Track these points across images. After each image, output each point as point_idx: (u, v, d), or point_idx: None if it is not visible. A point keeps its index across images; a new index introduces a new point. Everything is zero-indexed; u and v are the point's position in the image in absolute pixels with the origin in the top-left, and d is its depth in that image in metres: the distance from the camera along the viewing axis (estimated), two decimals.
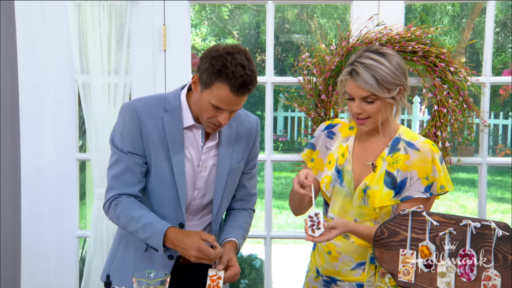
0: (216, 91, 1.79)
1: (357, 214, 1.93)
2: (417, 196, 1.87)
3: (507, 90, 9.17)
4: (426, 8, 10.20)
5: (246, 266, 4.24)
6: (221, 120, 1.85)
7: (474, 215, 6.21)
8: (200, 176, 1.98)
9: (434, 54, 2.58)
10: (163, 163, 1.92)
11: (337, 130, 2.04)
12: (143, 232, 1.87)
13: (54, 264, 2.81)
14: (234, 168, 2.01)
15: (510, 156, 9.34)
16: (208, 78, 1.80)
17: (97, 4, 2.62)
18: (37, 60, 2.72)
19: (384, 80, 1.82)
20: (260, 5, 9.58)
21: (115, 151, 1.94)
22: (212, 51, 1.82)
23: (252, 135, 2.07)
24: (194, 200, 2.00)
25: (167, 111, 1.93)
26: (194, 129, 1.96)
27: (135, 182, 1.93)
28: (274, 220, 6.39)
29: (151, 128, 1.91)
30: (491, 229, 1.60)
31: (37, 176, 2.77)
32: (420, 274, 1.72)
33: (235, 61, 1.77)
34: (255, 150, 2.11)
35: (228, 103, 1.81)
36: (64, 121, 2.75)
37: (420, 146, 1.90)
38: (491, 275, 1.60)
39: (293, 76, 2.75)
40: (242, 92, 1.80)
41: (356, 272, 1.95)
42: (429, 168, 1.87)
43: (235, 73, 1.76)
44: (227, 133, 2.00)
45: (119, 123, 1.95)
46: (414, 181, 1.88)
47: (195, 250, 1.81)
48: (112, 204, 1.93)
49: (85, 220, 3.80)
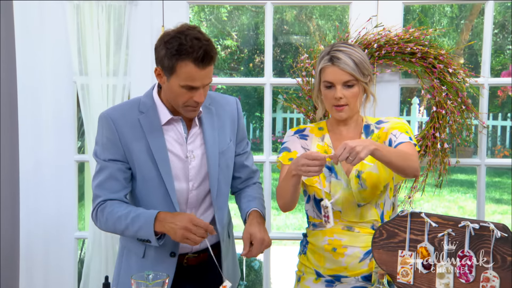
0: (182, 71, 1.80)
1: (359, 199, 1.98)
2: (407, 140, 1.98)
3: (505, 91, 9.18)
4: (425, 9, 10.22)
5: (245, 268, 4.24)
6: (197, 99, 1.85)
7: (473, 216, 6.20)
8: (191, 167, 1.97)
9: (432, 56, 2.58)
10: (147, 163, 1.92)
11: (308, 132, 2.12)
12: (132, 225, 1.86)
13: (53, 265, 2.80)
14: (224, 151, 2.02)
15: (509, 158, 9.36)
16: (170, 62, 1.80)
17: (96, 5, 2.62)
18: (35, 61, 2.72)
19: (360, 64, 1.96)
20: (258, 6, 9.58)
21: (98, 161, 1.96)
22: (164, 36, 1.84)
23: (235, 115, 2.09)
24: (191, 192, 1.99)
25: (142, 113, 1.94)
26: (174, 123, 1.96)
27: (119, 188, 1.93)
28: (272, 221, 6.39)
29: (129, 133, 1.92)
30: (490, 230, 1.60)
31: (36, 177, 2.77)
32: (419, 275, 1.72)
33: (189, 36, 1.79)
34: (242, 129, 2.13)
35: (197, 78, 1.81)
36: (63, 122, 2.75)
37: (386, 119, 2.09)
38: (489, 276, 1.60)
39: (291, 77, 2.75)
40: (207, 62, 1.80)
41: (364, 263, 1.97)
42: (404, 126, 2.03)
43: (193, 46, 1.77)
44: (208, 118, 2.00)
45: (98, 134, 1.97)
46: (399, 135, 2.00)
47: (186, 222, 1.78)
48: (98, 210, 1.93)
49: (83, 221, 3.80)
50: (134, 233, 1.88)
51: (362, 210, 1.99)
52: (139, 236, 1.89)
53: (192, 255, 2.02)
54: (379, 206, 2.01)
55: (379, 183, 1.98)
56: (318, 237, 2.04)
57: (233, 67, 12.02)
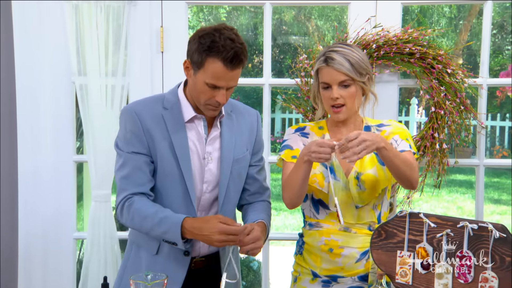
0: (210, 68, 1.80)
1: (357, 201, 1.98)
2: (408, 149, 1.99)
3: (504, 91, 9.18)
4: (423, 9, 10.22)
5: (243, 268, 4.24)
6: (219, 99, 1.85)
7: (472, 216, 6.21)
8: (207, 168, 1.96)
9: (431, 56, 2.59)
10: (169, 159, 1.91)
11: (309, 130, 2.12)
12: (159, 227, 1.85)
13: (51, 266, 2.80)
14: (239, 159, 2.00)
15: (507, 158, 9.37)
16: (200, 57, 1.81)
17: (95, 6, 2.62)
18: (34, 61, 2.72)
19: (356, 64, 1.96)
20: (257, 7, 9.58)
21: (121, 154, 1.93)
22: (199, 32, 1.84)
23: (254, 126, 2.08)
24: (204, 195, 1.98)
25: (166, 109, 1.94)
26: (196, 121, 1.95)
27: (145, 180, 1.92)
28: (271, 222, 6.40)
29: (153, 126, 1.91)
30: (488, 230, 1.60)
31: (35, 178, 2.77)
32: (418, 276, 1.72)
33: (224, 36, 1.79)
34: (259, 142, 2.11)
35: (223, 78, 1.81)
36: (62, 123, 2.75)
37: (388, 123, 2.10)
38: (488, 276, 1.60)
39: (290, 77, 2.75)
40: (235, 64, 1.81)
41: (360, 263, 1.97)
42: (405, 133, 2.05)
43: (226, 46, 1.78)
44: (228, 123, 2.00)
45: (121, 128, 1.95)
46: (400, 141, 2.01)
47: (217, 234, 1.78)
48: (125, 205, 1.90)
49: (82, 222, 3.80)
50: (161, 235, 1.87)
51: (360, 212, 1.99)
52: (166, 238, 1.88)
53: (199, 258, 2.01)
54: (376, 208, 2.02)
55: (378, 186, 1.98)
56: (314, 237, 2.03)
57: None
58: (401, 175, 1.88)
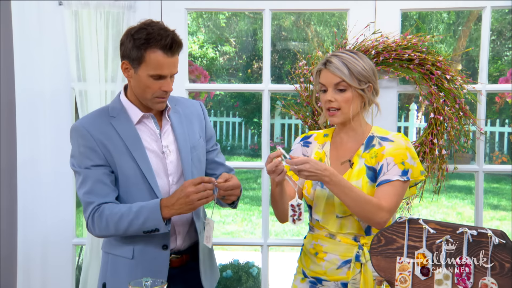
0: (151, 60, 1.85)
1: (339, 211, 2.01)
2: (395, 179, 1.95)
3: (503, 97, 9.20)
4: (422, 16, 10.25)
5: (243, 274, 4.23)
6: (166, 88, 1.90)
7: (471, 222, 6.20)
8: (169, 161, 2.00)
9: (430, 62, 2.59)
10: (128, 163, 1.94)
11: (312, 139, 2.16)
12: (137, 219, 1.87)
13: (51, 272, 2.79)
14: (195, 146, 2.05)
15: (506, 164, 9.37)
16: (138, 52, 1.86)
17: (94, 12, 2.63)
18: (34, 68, 2.72)
19: (354, 70, 1.96)
20: (257, 13, 9.61)
21: (80, 171, 1.94)
22: (129, 30, 1.90)
23: (201, 114, 2.14)
24: (171, 187, 2.00)
25: (113, 117, 1.97)
26: (145, 120, 1.99)
27: (109, 191, 1.94)
28: (271, 228, 6.38)
29: (105, 137, 1.93)
30: (488, 236, 1.60)
31: (34, 183, 2.76)
32: (417, 282, 1.71)
33: (156, 27, 1.87)
34: (210, 128, 2.17)
35: (166, 65, 1.87)
36: (61, 128, 2.74)
37: (393, 138, 2.04)
38: (488, 283, 1.60)
39: (290, 83, 2.75)
40: (175, 49, 1.87)
41: (341, 270, 2.00)
42: (404, 155, 1.98)
43: (161, 35, 1.84)
44: (176, 115, 2.05)
45: (73, 146, 1.97)
46: (391, 166, 1.97)
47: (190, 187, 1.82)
48: (95, 215, 1.92)
49: (81, 228, 3.79)
50: (140, 226, 1.88)
51: (342, 221, 2.01)
52: (146, 228, 1.89)
53: (175, 256, 2.03)
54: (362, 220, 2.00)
55: None
56: (309, 240, 2.11)
57: (231, 73, 12.04)
58: (355, 213, 1.93)
